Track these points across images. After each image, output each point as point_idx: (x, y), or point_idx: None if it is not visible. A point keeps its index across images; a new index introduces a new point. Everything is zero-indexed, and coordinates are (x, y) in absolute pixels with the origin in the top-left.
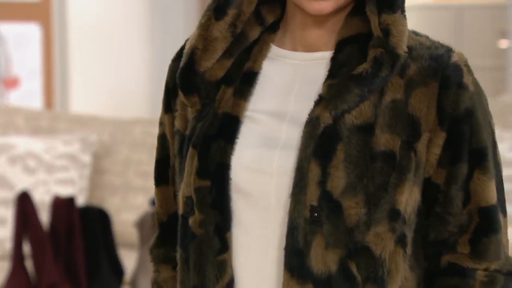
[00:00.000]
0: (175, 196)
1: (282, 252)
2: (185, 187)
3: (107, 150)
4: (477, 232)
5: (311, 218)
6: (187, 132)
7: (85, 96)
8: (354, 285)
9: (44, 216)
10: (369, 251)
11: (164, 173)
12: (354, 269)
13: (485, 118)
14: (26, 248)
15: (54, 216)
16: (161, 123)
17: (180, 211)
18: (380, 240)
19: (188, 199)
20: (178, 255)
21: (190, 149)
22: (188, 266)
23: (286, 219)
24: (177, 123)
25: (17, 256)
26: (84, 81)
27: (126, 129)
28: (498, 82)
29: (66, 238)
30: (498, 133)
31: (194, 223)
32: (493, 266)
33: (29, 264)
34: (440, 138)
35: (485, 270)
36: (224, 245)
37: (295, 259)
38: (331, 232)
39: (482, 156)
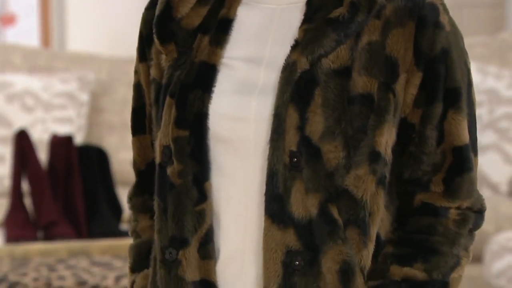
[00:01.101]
0: (152, 144)
1: (263, 198)
2: (162, 136)
3: (105, 88)
4: (450, 171)
5: (290, 163)
6: (164, 81)
7: (83, 34)
8: (336, 228)
9: (43, 155)
10: (350, 194)
11: (140, 122)
12: (335, 212)
13: (461, 57)
14: (25, 186)
15: (52, 155)
16: (136, 72)
17: (158, 160)
18: (361, 183)
19: (165, 148)
20: (155, 204)
21: (168, 99)
22: (166, 216)
23: (266, 166)
24: (153, 72)
25: (16, 194)
26: (81, 19)
27: (124, 68)
28: (497, 19)
29: (65, 177)
30: (496, 71)
31: (173, 173)
32: (465, 204)
33: (28, 202)
34: (417, 78)
35: (457, 208)
36: (203, 195)
37: (275, 205)
38: (310, 177)
39: (456, 96)
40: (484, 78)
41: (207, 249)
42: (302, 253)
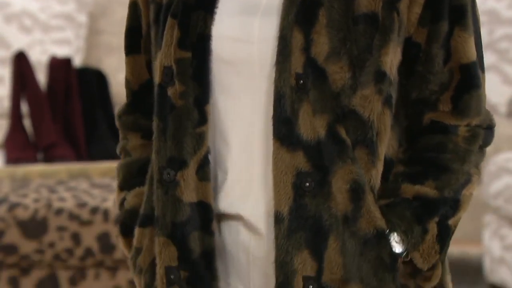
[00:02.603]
0: (147, 65)
1: (270, 122)
2: (164, 57)
3: (103, 10)
4: (458, 89)
5: (297, 86)
6: (164, 0)
7: None
8: (344, 148)
9: (41, 77)
10: (357, 115)
11: (135, 41)
12: (342, 133)
13: None
14: (24, 107)
15: (51, 77)
16: None
17: (158, 80)
18: (368, 103)
19: (167, 69)
20: (154, 124)
21: (169, 19)
22: (165, 136)
23: (272, 88)
24: None
25: (15, 115)
26: None
27: None
28: None
29: (64, 99)
30: None
31: (174, 94)
32: (474, 122)
33: (27, 124)
34: None
35: (467, 126)
36: (203, 118)
37: (283, 127)
38: (317, 98)
39: (462, 13)
40: None
41: (205, 171)
42: (312, 174)
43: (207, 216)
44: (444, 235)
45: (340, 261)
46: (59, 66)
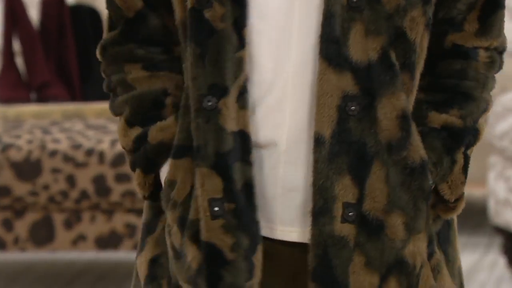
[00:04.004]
0: None
1: (308, 45)
2: None
3: None
4: (485, 8)
5: (348, 4)
6: None
7: None
8: (395, 73)
9: (34, 14)
10: (406, 37)
11: None
12: (393, 57)
13: None
14: (16, 45)
15: (43, 14)
16: None
17: (190, 4)
18: (415, 25)
19: None
20: (189, 50)
21: None
22: (204, 62)
23: (322, 7)
24: None
25: (7, 53)
26: None
27: None
28: None
29: (57, 37)
30: None
31: (214, 17)
32: (495, 43)
33: (19, 62)
34: None
35: (487, 49)
36: (242, 42)
37: (332, 47)
38: (371, 18)
39: None
40: None
41: (245, 99)
42: (358, 98)
43: (247, 146)
44: (467, 165)
45: (385, 189)
46: (52, 3)
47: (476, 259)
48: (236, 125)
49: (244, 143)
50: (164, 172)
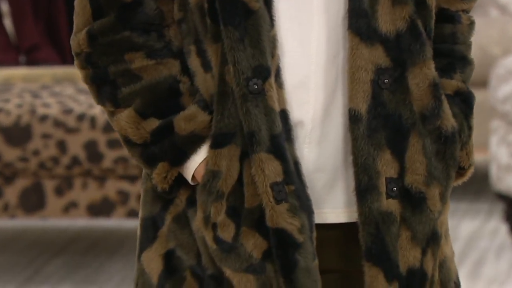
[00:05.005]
0: None
1: (346, 15)
2: None
3: None
4: None
5: None
6: None
7: None
8: (423, 42)
9: None
10: (425, 3)
11: None
12: (420, 25)
13: None
14: (4, 6)
15: None
16: None
17: None
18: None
19: None
20: (224, 34)
21: None
22: (244, 45)
23: None
24: None
25: None
26: None
27: None
28: None
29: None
30: None
31: None
32: (471, 6)
33: (8, 24)
34: None
35: (465, 11)
36: (272, 20)
37: (362, 20)
38: None
39: None
40: None
41: (281, 77)
42: (390, 70)
43: (289, 124)
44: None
45: (424, 161)
46: None
47: (477, 226)
48: (278, 105)
49: (286, 122)
50: (193, 165)
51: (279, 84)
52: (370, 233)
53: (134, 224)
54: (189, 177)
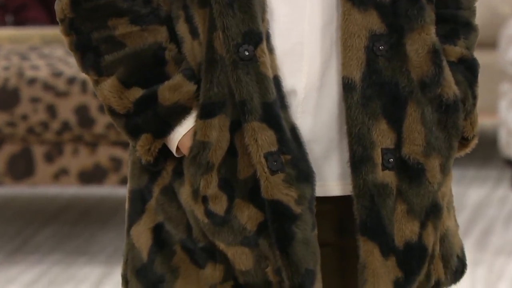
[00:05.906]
0: None
1: None
2: None
3: None
4: None
5: None
6: None
7: None
8: (421, 6)
9: None
10: None
11: None
12: None
13: None
14: None
15: None
16: None
17: None
18: None
19: None
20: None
21: None
22: (233, 9)
23: None
24: None
25: None
26: None
27: None
28: None
29: None
30: None
31: None
32: None
33: None
34: None
35: None
36: None
37: None
38: None
39: None
40: None
41: (270, 43)
42: (385, 36)
43: (282, 91)
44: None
45: (422, 131)
46: None
47: (485, 194)
48: (271, 71)
49: (279, 88)
50: (177, 137)
51: (270, 49)
52: (364, 206)
53: None
54: (173, 149)
